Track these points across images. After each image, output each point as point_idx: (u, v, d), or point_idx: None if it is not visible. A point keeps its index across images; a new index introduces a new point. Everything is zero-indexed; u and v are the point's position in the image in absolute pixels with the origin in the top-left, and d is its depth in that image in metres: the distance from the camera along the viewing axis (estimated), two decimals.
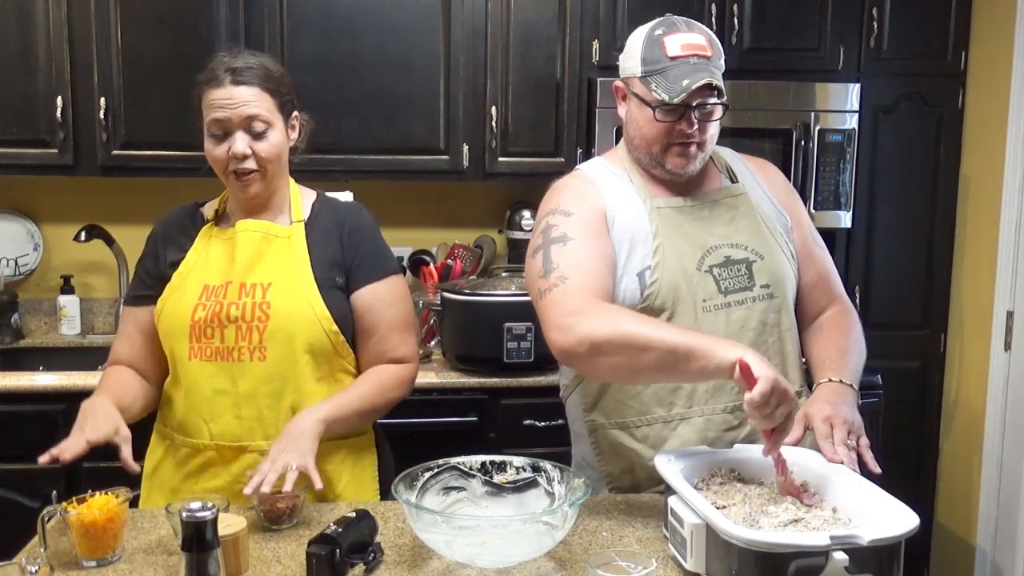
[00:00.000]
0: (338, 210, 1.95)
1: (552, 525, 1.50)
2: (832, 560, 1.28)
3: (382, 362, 1.92)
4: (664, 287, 1.74)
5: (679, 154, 1.76)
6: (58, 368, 2.93)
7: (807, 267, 1.89)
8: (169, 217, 1.96)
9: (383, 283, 1.91)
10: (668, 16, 1.77)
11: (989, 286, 3.19)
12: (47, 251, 3.39)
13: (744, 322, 1.77)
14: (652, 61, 1.72)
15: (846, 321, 1.88)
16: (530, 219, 3.34)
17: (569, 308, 1.64)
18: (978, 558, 3.25)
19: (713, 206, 1.83)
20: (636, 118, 1.78)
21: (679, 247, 1.77)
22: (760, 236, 1.82)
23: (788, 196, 1.94)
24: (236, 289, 1.82)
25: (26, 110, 2.97)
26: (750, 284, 1.78)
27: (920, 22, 3.25)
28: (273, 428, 1.82)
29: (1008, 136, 3.10)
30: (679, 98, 1.68)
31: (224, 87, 1.79)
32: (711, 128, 1.76)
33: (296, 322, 1.82)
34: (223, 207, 1.93)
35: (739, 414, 1.76)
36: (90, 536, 1.52)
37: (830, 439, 1.61)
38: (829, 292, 1.92)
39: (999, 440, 3.15)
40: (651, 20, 1.80)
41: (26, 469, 2.76)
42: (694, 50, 1.70)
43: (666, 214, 1.79)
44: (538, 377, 2.93)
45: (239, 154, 1.79)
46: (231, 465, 1.83)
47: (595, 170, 1.87)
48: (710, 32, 1.77)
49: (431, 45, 3.09)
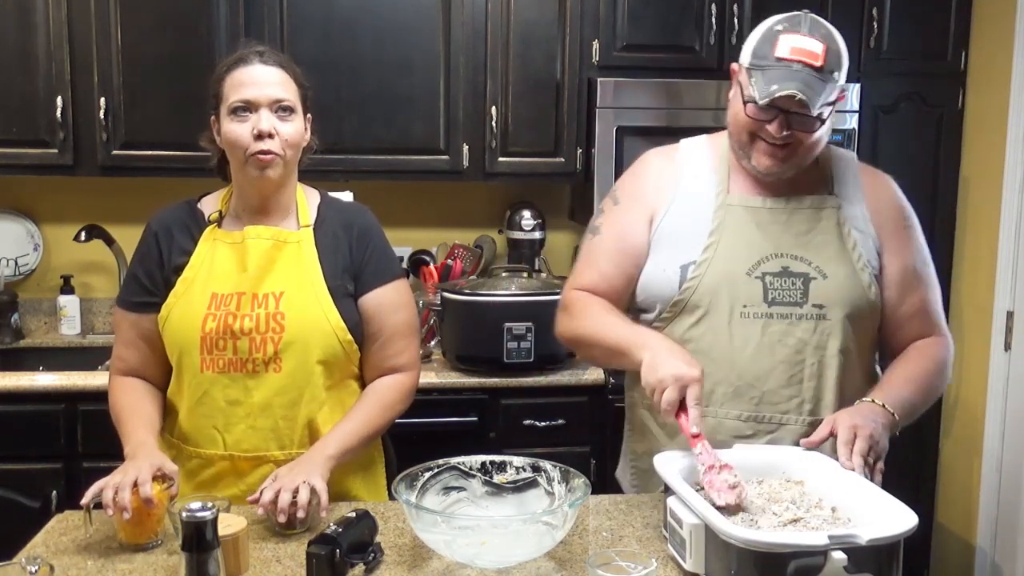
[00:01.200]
0: (344, 212, 1.91)
1: (552, 525, 1.50)
2: (831, 560, 1.28)
3: (383, 368, 1.89)
4: (703, 286, 1.74)
5: (765, 152, 1.72)
6: (58, 368, 2.92)
7: (904, 300, 1.80)
8: (167, 215, 1.88)
9: (389, 287, 1.88)
10: (801, 13, 1.70)
11: (989, 286, 3.19)
12: (47, 251, 3.39)
13: (782, 337, 1.73)
14: (760, 55, 1.67)
15: (931, 353, 1.81)
16: (530, 219, 3.35)
17: (563, 303, 1.89)
18: (978, 558, 3.25)
19: (793, 213, 1.77)
20: (735, 104, 1.75)
21: (734, 248, 1.75)
22: (834, 254, 1.76)
23: (894, 221, 1.83)
24: (248, 300, 1.77)
25: (26, 110, 2.97)
26: (801, 300, 1.74)
27: (920, 22, 3.25)
28: (288, 438, 1.80)
29: (1008, 136, 3.09)
30: (763, 101, 1.64)
31: (252, 65, 1.76)
32: (808, 138, 1.69)
33: (311, 333, 1.78)
34: (225, 207, 1.86)
35: (752, 424, 1.75)
36: (135, 521, 1.57)
37: (850, 445, 1.58)
38: (926, 325, 1.83)
39: (999, 440, 3.15)
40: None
41: (26, 469, 2.77)
42: (802, 56, 1.63)
43: (734, 212, 1.77)
44: (538, 377, 2.93)
45: (265, 131, 1.72)
46: (246, 476, 1.79)
47: (689, 147, 1.88)
48: (837, 40, 1.69)
49: (431, 45, 3.09)
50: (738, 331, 1.73)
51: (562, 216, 3.55)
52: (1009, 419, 3.12)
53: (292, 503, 1.62)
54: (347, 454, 1.78)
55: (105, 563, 1.56)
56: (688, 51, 3.16)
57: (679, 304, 1.76)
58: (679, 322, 1.78)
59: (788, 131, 1.67)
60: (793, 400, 1.75)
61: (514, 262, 3.34)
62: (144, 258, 1.86)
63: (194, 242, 1.83)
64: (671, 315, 1.78)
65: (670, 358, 1.60)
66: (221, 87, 1.78)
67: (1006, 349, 3.12)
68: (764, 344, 1.73)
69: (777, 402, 1.75)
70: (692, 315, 1.76)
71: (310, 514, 1.66)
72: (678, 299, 1.76)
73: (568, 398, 2.97)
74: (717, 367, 1.73)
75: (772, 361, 1.74)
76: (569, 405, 2.97)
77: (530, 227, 3.34)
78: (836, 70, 1.67)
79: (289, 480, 1.64)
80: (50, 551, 1.59)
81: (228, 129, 1.75)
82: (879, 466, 1.60)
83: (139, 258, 1.88)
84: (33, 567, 1.36)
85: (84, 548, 1.61)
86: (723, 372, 1.74)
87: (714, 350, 1.75)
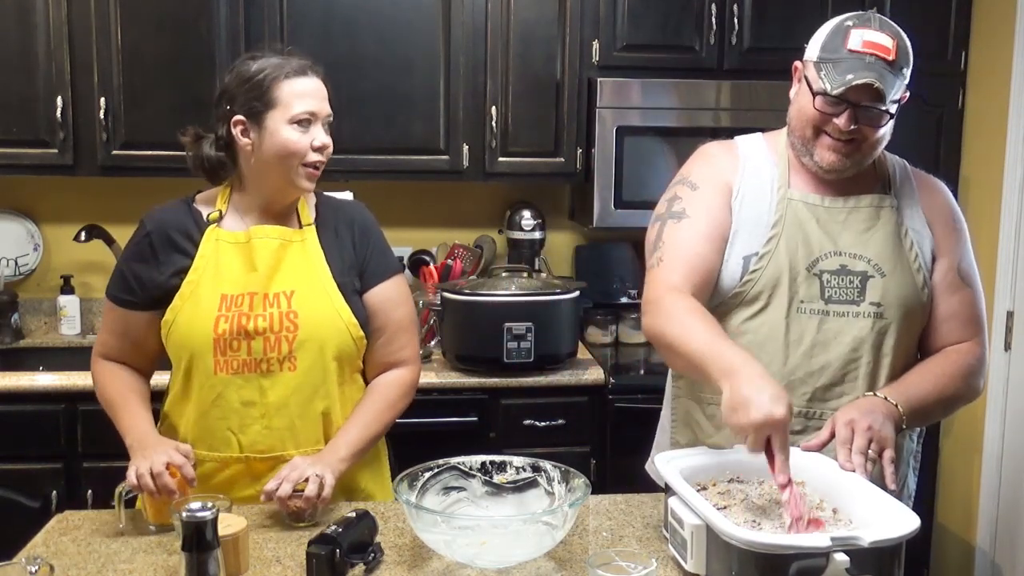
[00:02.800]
0: (342, 210, 1.93)
1: (552, 525, 1.50)
2: (833, 561, 1.28)
3: (386, 363, 1.91)
4: (764, 278, 1.74)
5: (830, 148, 1.72)
6: (58, 368, 2.92)
7: (945, 299, 1.80)
8: (163, 215, 1.86)
9: (390, 283, 1.90)
10: (869, 12, 1.73)
11: (989, 286, 3.19)
12: (47, 251, 3.39)
13: (837, 334, 1.74)
14: (831, 49, 1.69)
15: (957, 359, 1.78)
16: (530, 219, 3.35)
17: (650, 295, 1.75)
18: (978, 558, 3.24)
19: (852, 211, 1.78)
20: (800, 99, 1.76)
21: (795, 244, 1.75)
22: (891, 253, 1.76)
23: (945, 222, 1.84)
24: (260, 300, 1.78)
25: (26, 110, 2.97)
26: (859, 298, 1.74)
27: (920, 22, 3.24)
28: (304, 437, 1.81)
29: (1008, 136, 3.09)
30: (838, 91, 1.65)
31: (309, 77, 1.79)
32: (873, 134, 1.71)
33: (326, 330, 1.80)
34: (225, 206, 1.85)
35: (802, 420, 1.75)
36: (160, 502, 1.64)
37: (848, 445, 1.58)
38: (964, 331, 1.81)
39: (999, 440, 3.15)
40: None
41: (26, 469, 2.77)
42: (875, 49, 1.65)
43: (795, 207, 1.78)
44: (538, 377, 2.93)
45: (326, 145, 1.79)
46: (262, 478, 1.77)
47: (747, 143, 1.88)
48: (905, 39, 1.70)
49: (431, 45, 3.09)
50: (795, 326, 1.74)
51: (562, 216, 3.55)
52: (1009, 419, 3.12)
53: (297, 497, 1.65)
54: (357, 456, 1.81)
55: (105, 563, 1.56)
56: (688, 51, 3.16)
57: (739, 296, 1.76)
58: (737, 314, 1.78)
59: (856, 125, 1.69)
60: (845, 397, 1.75)
61: (514, 262, 3.34)
62: (135, 257, 1.85)
63: (194, 243, 1.81)
64: (729, 306, 1.78)
65: (756, 397, 1.45)
66: (275, 91, 1.76)
67: (1006, 349, 3.12)
68: (820, 340, 1.74)
69: (829, 399, 1.75)
70: (750, 308, 1.76)
71: (318, 507, 1.68)
72: (738, 291, 1.76)
73: (568, 398, 2.97)
74: (771, 361, 1.73)
75: (827, 357, 1.74)
76: (569, 405, 2.97)
77: (530, 227, 3.34)
78: (905, 66, 1.70)
79: (300, 471, 1.67)
80: (50, 551, 1.59)
81: (288, 138, 1.76)
82: (887, 454, 1.58)
83: (130, 256, 1.86)
84: (33, 567, 1.36)
85: (84, 548, 1.61)
86: (776, 366, 1.74)
87: (769, 344, 1.75)
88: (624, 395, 2.94)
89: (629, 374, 3.13)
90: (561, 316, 2.96)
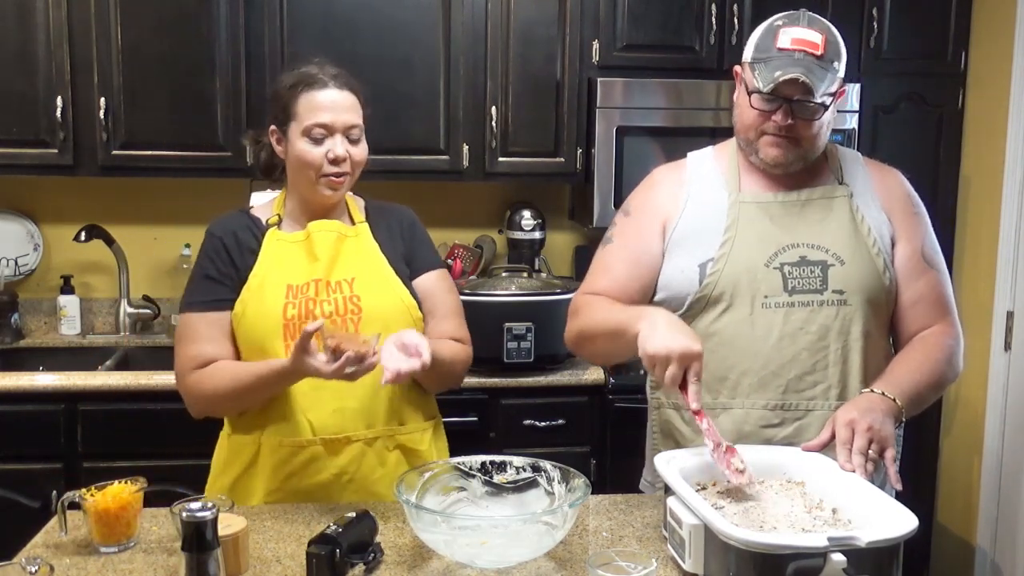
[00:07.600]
0: (389, 210, 2.01)
1: (552, 525, 1.50)
2: (830, 561, 1.28)
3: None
4: (723, 278, 1.77)
5: (772, 143, 1.77)
6: (58, 368, 2.93)
7: (910, 284, 1.82)
8: (228, 221, 1.91)
9: (436, 272, 1.98)
10: (800, 10, 1.78)
11: (989, 286, 3.19)
12: (47, 251, 3.39)
13: (804, 324, 1.76)
14: (763, 49, 1.75)
15: (936, 342, 1.81)
16: (530, 219, 3.35)
17: (572, 307, 1.90)
18: (978, 558, 3.25)
19: (806, 204, 1.82)
20: (739, 102, 1.82)
21: (751, 242, 1.79)
22: (849, 241, 1.79)
23: (903, 208, 1.86)
24: (324, 287, 1.84)
25: (26, 110, 2.97)
26: (821, 287, 1.77)
27: (920, 22, 3.25)
28: (374, 416, 1.84)
29: (1008, 136, 3.09)
30: (768, 87, 1.71)
31: (329, 89, 1.82)
32: (809, 127, 1.75)
33: (389, 312, 1.85)
34: (282, 211, 1.92)
35: (780, 413, 1.78)
36: (104, 522, 1.59)
37: (848, 445, 1.58)
38: (933, 313, 1.83)
39: (999, 440, 3.15)
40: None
41: (26, 469, 2.77)
42: (803, 46, 1.71)
43: (748, 208, 1.81)
44: (538, 377, 2.94)
45: (340, 157, 1.81)
46: (337, 458, 1.82)
47: (696, 158, 1.93)
48: (835, 34, 1.77)
49: (431, 45, 3.09)
50: (760, 321, 1.76)
51: (562, 216, 3.55)
52: (1009, 419, 3.12)
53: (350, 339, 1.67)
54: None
55: (105, 563, 1.56)
56: (688, 51, 3.16)
57: (701, 300, 1.79)
58: (702, 317, 1.80)
59: (792, 120, 1.73)
60: (819, 386, 1.77)
61: (514, 262, 3.35)
62: (214, 259, 1.88)
63: (258, 243, 1.88)
64: (694, 311, 1.80)
65: (669, 330, 1.59)
66: (293, 104, 1.82)
67: (1006, 349, 3.12)
68: (787, 332, 1.76)
69: (803, 389, 1.77)
70: (714, 309, 1.79)
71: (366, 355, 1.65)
72: (700, 295, 1.79)
73: (568, 398, 2.98)
74: (742, 358, 1.77)
75: (796, 348, 1.76)
76: (569, 405, 2.97)
77: (530, 227, 3.35)
78: (836, 60, 1.75)
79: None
80: (50, 551, 1.59)
81: (303, 150, 1.81)
82: (889, 453, 1.60)
83: (208, 260, 1.88)
84: (33, 567, 1.36)
85: (84, 548, 1.61)
86: (748, 363, 1.77)
87: (738, 341, 1.77)
88: (624, 395, 2.94)
89: (629, 374, 3.13)
90: (561, 316, 2.88)
